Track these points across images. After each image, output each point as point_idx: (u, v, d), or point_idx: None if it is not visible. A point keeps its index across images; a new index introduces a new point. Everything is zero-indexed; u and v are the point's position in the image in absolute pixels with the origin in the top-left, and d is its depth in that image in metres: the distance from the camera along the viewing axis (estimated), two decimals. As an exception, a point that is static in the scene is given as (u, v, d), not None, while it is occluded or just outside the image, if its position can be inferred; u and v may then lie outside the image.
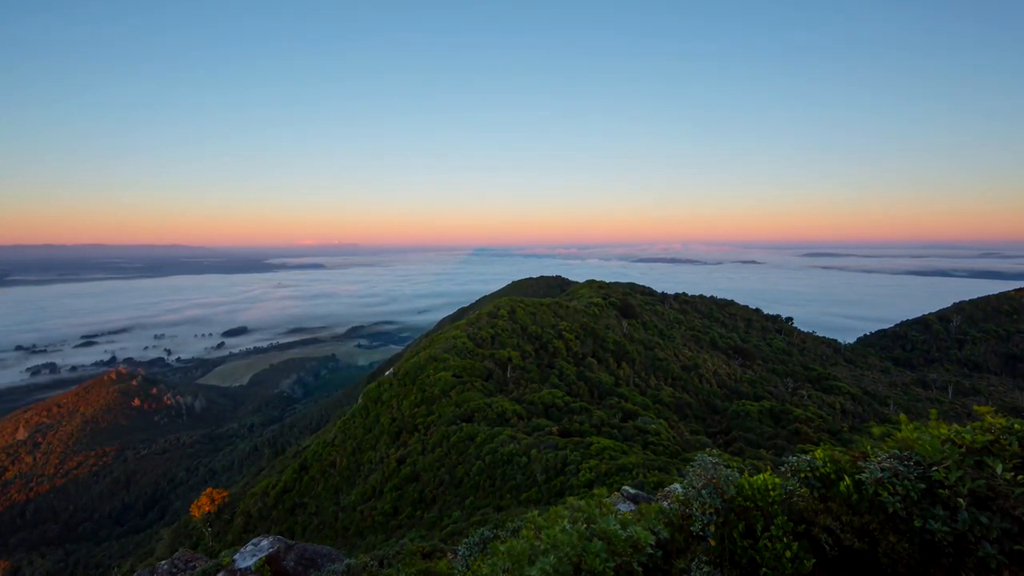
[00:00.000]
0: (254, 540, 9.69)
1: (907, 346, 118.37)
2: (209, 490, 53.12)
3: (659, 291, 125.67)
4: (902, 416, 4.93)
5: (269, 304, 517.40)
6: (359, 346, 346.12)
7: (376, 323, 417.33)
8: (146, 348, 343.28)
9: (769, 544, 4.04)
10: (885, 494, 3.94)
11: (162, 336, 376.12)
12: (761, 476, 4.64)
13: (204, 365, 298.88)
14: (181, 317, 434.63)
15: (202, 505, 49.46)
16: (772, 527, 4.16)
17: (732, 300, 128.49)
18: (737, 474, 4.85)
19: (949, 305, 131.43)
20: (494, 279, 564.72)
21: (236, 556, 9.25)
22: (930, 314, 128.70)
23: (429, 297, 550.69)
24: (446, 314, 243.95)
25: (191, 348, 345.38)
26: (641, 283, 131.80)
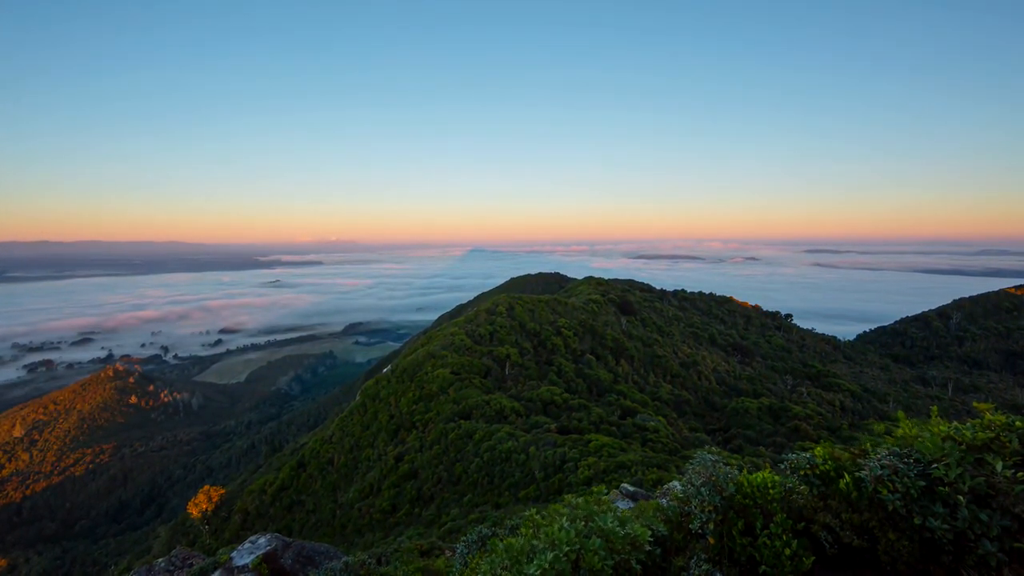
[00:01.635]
0: (252, 538, 9.67)
1: (907, 343, 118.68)
2: (206, 487, 53.01)
3: (658, 288, 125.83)
4: (900, 413, 4.92)
5: (267, 301, 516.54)
6: (357, 343, 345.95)
7: (374, 320, 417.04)
8: (143, 345, 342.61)
9: (768, 542, 4.03)
10: (885, 492, 3.93)
11: (159, 333, 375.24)
12: (760, 474, 4.62)
13: (201, 362, 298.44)
14: (178, 314, 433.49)
15: (199, 503, 49.40)
16: (771, 525, 4.14)
17: (731, 297, 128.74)
18: (736, 472, 4.84)
19: (949, 302, 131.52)
20: (493, 276, 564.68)
21: (233, 554, 9.23)
22: (930, 311, 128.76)
23: (428, 294, 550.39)
24: (445, 311, 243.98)
25: (188, 345, 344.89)
26: (642, 280, 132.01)
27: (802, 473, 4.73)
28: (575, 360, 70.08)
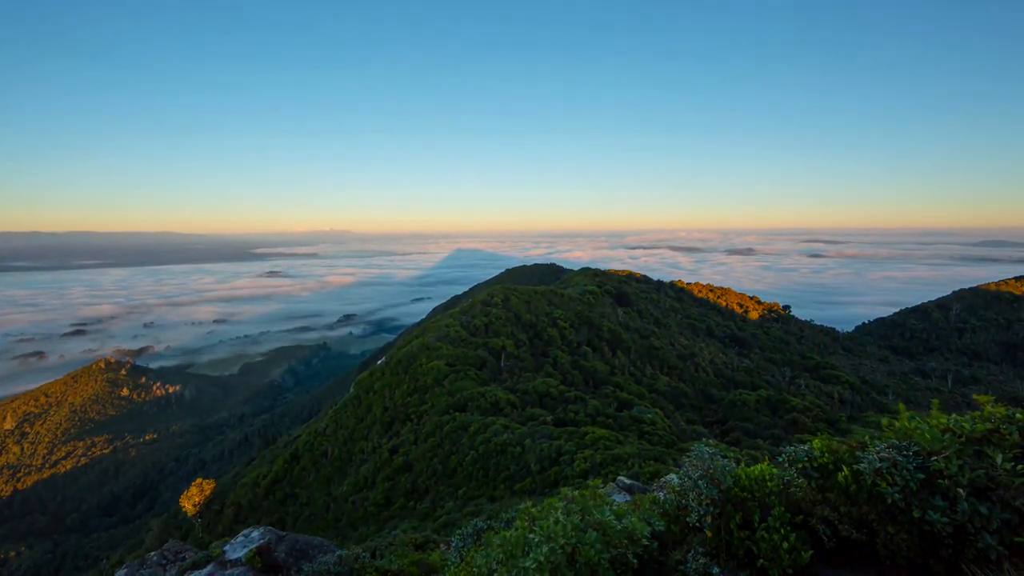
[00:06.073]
0: (245, 531, 9.58)
1: (906, 335, 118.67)
2: (199, 480, 52.93)
3: (655, 279, 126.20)
4: (900, 406, 4.89)
5: (261, 292, 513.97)
6: (351, 334, 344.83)
7: (369, 311, 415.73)
8: (135, 337, 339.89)
9: (766, 535, 3.99)
10: (884, 485, 3.90)
11: (152, 324, 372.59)
12: (758, 466, 4.59)
13: (194, 354, 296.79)
14: (172, 305, 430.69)
15: (192, 496, 49.30)
16: (769, 518, 4.10)
17: (728, 288, 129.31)
18: (734, 464, 4.79)
19: (949, 293, 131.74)
20: (489, 267, 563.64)
21: (226, 547, 9.15)
22: (930, 302, 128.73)
23: (423, 285, 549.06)
24: (440, 302, 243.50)
25: (181, 337, 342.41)
26: (639, 271, 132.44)
27: (800, 466, 4.69)
28: (571, 352, 70.19)
